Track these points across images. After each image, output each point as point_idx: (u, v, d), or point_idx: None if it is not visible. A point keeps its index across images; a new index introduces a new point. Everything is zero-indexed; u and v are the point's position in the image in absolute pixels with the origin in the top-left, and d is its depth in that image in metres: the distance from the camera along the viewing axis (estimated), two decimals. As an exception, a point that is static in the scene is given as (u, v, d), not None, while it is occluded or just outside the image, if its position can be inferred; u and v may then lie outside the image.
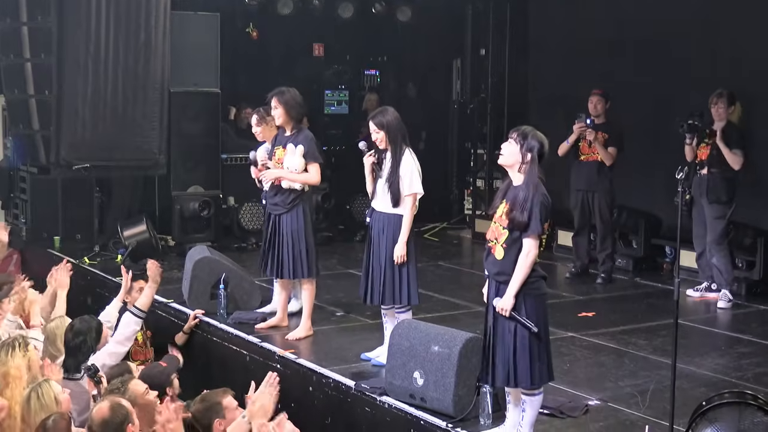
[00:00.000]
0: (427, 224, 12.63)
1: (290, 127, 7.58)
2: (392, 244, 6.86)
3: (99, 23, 10.55)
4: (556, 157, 9.96)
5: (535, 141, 5.42)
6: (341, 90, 13.37)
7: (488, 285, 5.55)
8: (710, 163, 8.93)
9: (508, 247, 5.38)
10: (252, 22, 12.58)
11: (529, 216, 5.32)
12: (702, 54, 10.28)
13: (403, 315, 6.96)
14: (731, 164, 8.84)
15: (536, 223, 5.32)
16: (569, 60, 11.74)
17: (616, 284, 9.87)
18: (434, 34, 13.53)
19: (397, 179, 6.82)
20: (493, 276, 5.49)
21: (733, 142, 8.87)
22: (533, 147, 5.40)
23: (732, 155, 8.83)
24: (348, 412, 6.48)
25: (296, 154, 7.48)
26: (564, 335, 7.83)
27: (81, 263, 10.12)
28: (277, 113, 7.57)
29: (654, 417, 5.91)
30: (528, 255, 5.33)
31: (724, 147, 8.83)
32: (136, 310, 7.39)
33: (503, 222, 5.42)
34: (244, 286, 8.44)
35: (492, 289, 5.50)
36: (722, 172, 8.90)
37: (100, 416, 4.99)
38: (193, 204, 11.07)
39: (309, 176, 7.54)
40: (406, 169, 6.83)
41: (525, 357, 5.35)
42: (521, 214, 5.33)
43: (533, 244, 5.34)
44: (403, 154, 6.85)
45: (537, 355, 5.38)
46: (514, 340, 5.36)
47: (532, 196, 5.34)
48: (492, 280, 5.50)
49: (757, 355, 7.46)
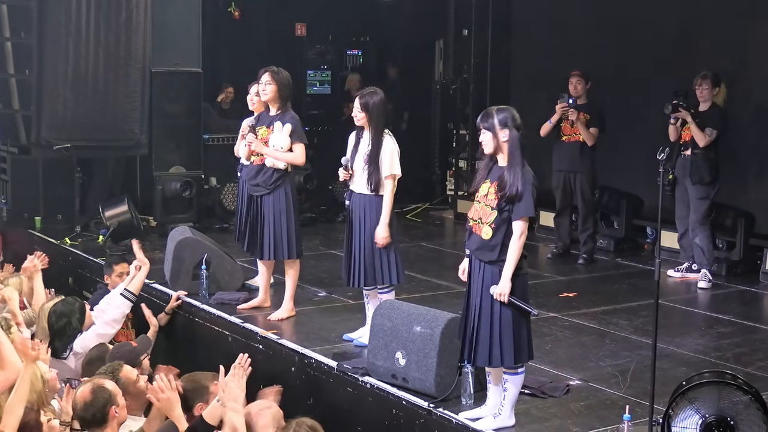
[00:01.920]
0: (409, 205, 12.63)
1: (277, 107, 7.52)
2: (373, 225, 6.86)
3: (80, 2, 10.47)
4: (538, 138, 9.98)
5: (502, 114, 5.37)
6: (324, 70, 13.33)
7: (470, 264, 5.52)
8: (693, 144, 8.96)
9: (496, 227, 5.34)
10: (234, 2, 12.52)
11: (521, 198, 5.29)
12: (684, 34, 10.29)
13: (386, 296, 6.96)
14: (697, 141, 8.87)
15: (529, 205, 5.31)
16: (552, 41, 11.74)
17: (597, 265, 9.90)
18: (417, 14, 13.51)
19: (377, 163, 6.81)
20: (477, 255, 5.46)
21: (712, 123, 8.90)
22: (504, 120, 5.35)
23: (700, 132, 8.86)
24: (330, 392, 6.50)
25: (284, 132, 7.45)
26: (545, 315, 7.86)
27: (62, 244, 10.09)
28: (270, 89, 7.46)
29: (634, 397, 5.95)
30: (520, 238, 5.30)
31: (694, 124, 8.84)
32: (128, 293, 7.36)
33: (491, 202, 5.37)
34: (226, 267, 8.43)
35: (476, 268, 5.46)
36: (705, 152, 8.93)
37: (82, 399, 4.98)
38: (175, 184, 11.03)
39: (295, 156, 7.50)
40: (386, 151, 6.83)
41: (509, 336, 5.35)
42: (513, 193, 5.28)
43: (525, 227, 5.32)
44: (383, 138, 6.84)
45: (520, 334, 5.39)
46: (500, 319, 5.35)
47: (522, 177, 5.30)
48: (476, 260, 5.47)
49: (736, 335, 7.51)
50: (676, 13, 10.39)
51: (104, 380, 5.17)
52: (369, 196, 6.90)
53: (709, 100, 9.01)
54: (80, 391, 5.05)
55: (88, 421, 4.97)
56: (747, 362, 6.76)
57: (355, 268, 6.95)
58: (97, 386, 5.03)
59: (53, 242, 9.96)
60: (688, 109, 8.91)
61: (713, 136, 8.89)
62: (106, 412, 4.95)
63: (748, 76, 9.67)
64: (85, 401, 4.96)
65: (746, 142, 9.65)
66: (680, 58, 10.11)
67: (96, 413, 4.95)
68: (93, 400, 4.95)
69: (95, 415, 4.95)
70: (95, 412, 4.94)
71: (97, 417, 4.95)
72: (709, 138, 8.87)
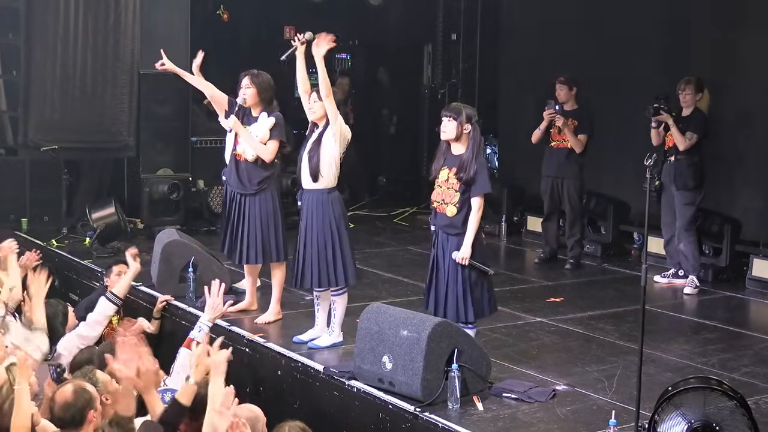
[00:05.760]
0: (397, 209, 12.64)
1: (259, 110, 7.54)
2: (320, 223, 6.87)
3: (68, 3, 10.47)
4: (527, 143, 10.02)
5: (469, 110, 6.46)
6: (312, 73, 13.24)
7: (438, 238, 6.53)
8: (677, 149, 8.98)
9: (460, 206, 6.37)
10: (223, 5, 12.51)
11: (477, 178, 6.31)
12: (673, 40, 10.33)
13: (338, 297, 6.98)
14: (678, 144, 8.89)
15: (485, 183, 6.35)
16: (540, 46, 11.76)
17: (584, 270, 9.92)
18: (405, 18, 13.51)
19: (318, 154, 6.85)
20: (443, 229, 6.47)
21: (692, 127, 8.92)
22: (470, 116, 6.42)
23: (680, 136, 8.88)
24: (317, 395, 6.49)
25: (266, 124, 7.46)
26: (532, 320, 7.88)
27: (48, 245, 10.05)
28: (249, 92, 7.52)
29: (621, 402, 5.96)
30: (478, 212, 6.34)
31: (675, 128, 8.86)
32: (112, 296, 7.33)
33: (453, 185, 6.39)
34: (213, 270, 8.40)
35: (443, 241, 6.48)
36: (688, 157, 8.95)
37: (63, 399, 4.93)
38: (162, 187, 11.01)
39: (265, 148, 7.46)
40: (329, 138, 6.89)
41: (469, 293, 6.38)
42: (470, 174, 6.30)
43: (482, 203, 6.35)
44: (324, 130, 6.90)
45: (482, 292, 6.45)
46: (464, 279, 6.36)
47: (476, 161, 6.34)
48: (443, 234, 6.48)
49: (722, 341, 7.54)
50: (664, 19, 10.42)
51: (86, 383, 5.13)
52: (314, 191, 6.90)
53: (692, 105, 9.02)
54: (61, 390, 5.01)
55: (65, 422, 4.91)
56: (732, 368, 6.78)
57: (305, 268, 6.94)
58: (79, 387, 4.99)
59: (39, 244, 9.92)
60: (670, 113, 8.93)
61: (693, 140, 8.90)
62: (84, 415, 4.90)
63: (735, 83, 9.70)
64: (66, 401, 4.91)
65: (733, 148, 9.68)
66: (669, 64, 10.14)
67: (75, 414, 4.89)
68: (74, 400, 4.91)
69: (74, 416, 4.89)
70: (75, 413, 4.89)
71: (75, 418, 4.89)
72: (689, 142, 8.89)
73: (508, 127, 12.42)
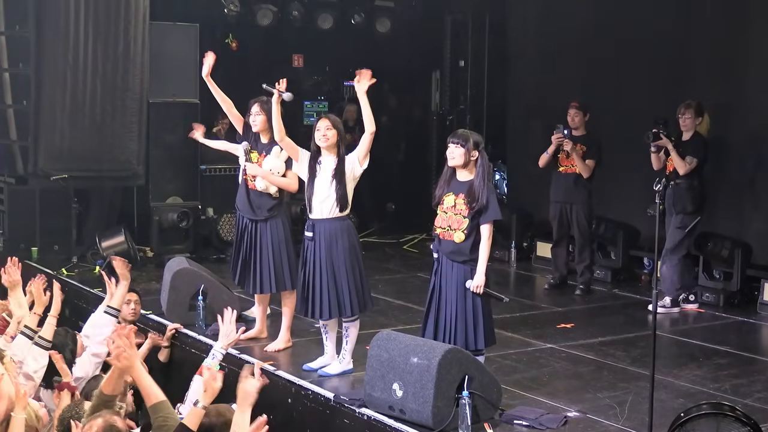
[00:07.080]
0: (406, 235, 12.64)
1: (268, 137, 7.57)
2: (340, 252, 6.85)
3: (77, 33, 10.53)
4: (536, 169, 10.01)
5: (476, 137, 6.46)
6: (320, 101, 13.37)
7: (441, 265, 6.40)
8: (677, 173, 8.96)
9: (468, 232, 6.28)
10: (231, 33, 12.57)
11: (488, 206, 6.24)
12: (680, 65, 10.34)
13: (351, 324, 6.98)
14: (677, 168, 8.89)
15: (495, 210, 6.29)
16: (548, 71, 11.80)
17: (594, 295, 9.89)
18: (413, 45, 13.55)
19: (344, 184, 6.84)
20: (448, 256, 6.35)
21: (692, 151, 8.91)
22: (478, 143, 6.41)
23: (680, 160, 8.87)
24: (327, 423, 6.47)
25: (280, 157, 7.49)
26: (543, 346, 7.85)
27: (59, 274, 10.06)
28: (259, 119, 7.57)
29: (633, 428, 5.93)
30: (490, 238, 6.28)
31: (675, 152, 8.86)
32: (111, 309, 7.31)
33: (462, 212, 6.30)
34: (223, 298, 8.40)
35: (447, 268, 6.35)
36: (688, 181, 8.94)
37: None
38: (172, 215, 11.04)
39: (288, 181, 7.55)
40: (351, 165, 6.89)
41: (481, 321, 6.29)
42: (483, 202, 6.23)
43: (491, 229, 6.29)
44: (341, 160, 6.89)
45: (490, 318, 6.37)
46: (473, 308, 6.28)
47: (486, 189, 6.28)
48: (447, 261, 6.36)
49: (734, 366, 7.49)
50: (670, 44, 10.44)
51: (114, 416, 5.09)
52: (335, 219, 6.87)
53: (691, 129, 9.02)
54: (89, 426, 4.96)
55: None
56: (745, 393, 6.74)
57: (314, 298, 6.90)
58: (109, 424, 4.95)
59: (50, 272, 9.93)
60: (669, 137, 8.93)
61: (693, 164, 8.90)
62: None
63: (744, 107, 9.70)
64: None
65: (743, 172, 9.67)
66: (676, 89, 10.15)
67: None
68: None
69: None
70: None
71: None
72: (689, 166, 8.88)
73: (517, 152, 12.45)
